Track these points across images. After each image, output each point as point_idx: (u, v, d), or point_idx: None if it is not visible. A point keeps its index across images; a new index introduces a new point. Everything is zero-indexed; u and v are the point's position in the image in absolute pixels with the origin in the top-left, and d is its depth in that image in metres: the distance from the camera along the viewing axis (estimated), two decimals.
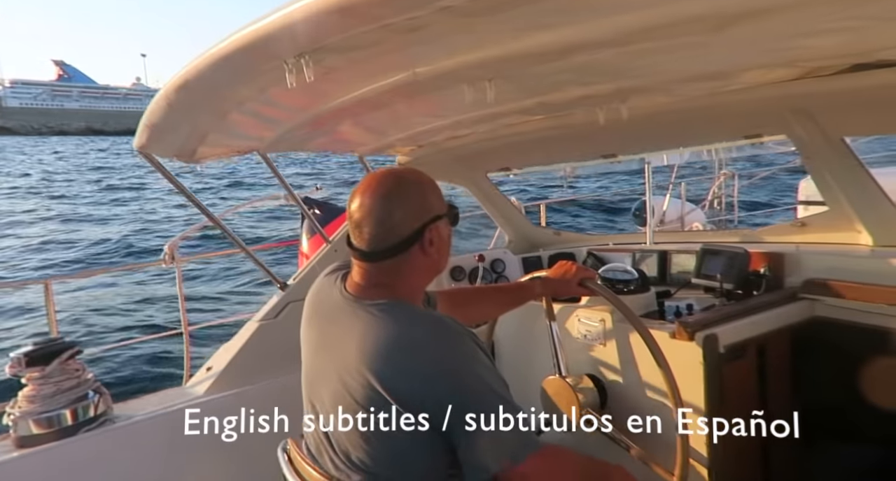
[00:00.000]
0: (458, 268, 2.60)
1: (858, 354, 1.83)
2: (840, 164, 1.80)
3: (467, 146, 2.21)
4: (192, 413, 1.90)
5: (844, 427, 2.02)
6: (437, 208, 1.22)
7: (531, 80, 1.15)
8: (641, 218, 6.30)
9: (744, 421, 1.62)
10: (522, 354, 2.07)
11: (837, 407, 1.95)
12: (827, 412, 1.85)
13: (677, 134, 2.12)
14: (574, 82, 1.18)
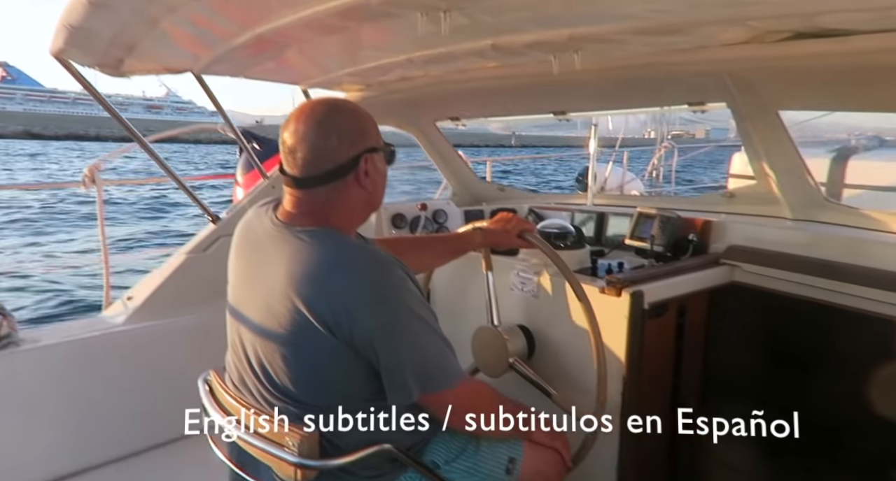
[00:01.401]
0: (399, 216, 2.58)
1: (768, 320, 1.96)
2: (772, 138, 1.88)
3: (418, 90, 2.15)
4: (106, 342, 1.83)
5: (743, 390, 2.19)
6: (373, 140, 1.19)
7: (487, 16, 1.11)
8: (583, 183, 6.45)
9: (659, 375, 1.73)
10: (458, 303, 2.09)
11: (739, 371, 2.10)
12: (729, 375, 1.99)
13: (626, 95, 2.14)
14: (530, 22, 1.15)
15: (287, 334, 1.08)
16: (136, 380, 1.90)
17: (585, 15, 1.09)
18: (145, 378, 1.92)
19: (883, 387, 1.94)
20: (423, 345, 1.10)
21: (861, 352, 1.87)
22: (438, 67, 1.80)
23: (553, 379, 1.72)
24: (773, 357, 2.10)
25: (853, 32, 1.05)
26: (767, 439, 2.21)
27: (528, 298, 1.85)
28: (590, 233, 2.45)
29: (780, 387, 2.15)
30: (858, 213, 1.96)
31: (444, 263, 1.76)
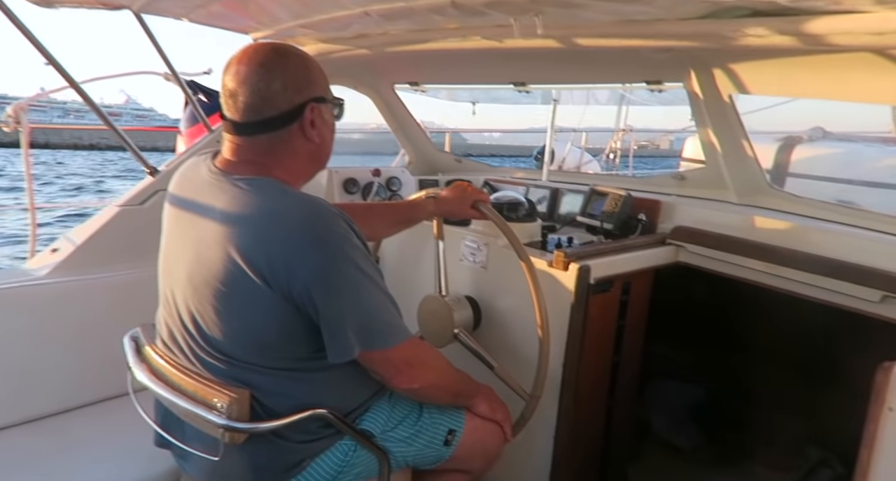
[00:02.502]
0: (351, 181, 2.50)
1: (710, 300, 2.02)
2: (724, 122, 1.90)
3: (376, 49, 2.06)
4: (26, 295, 1.71)
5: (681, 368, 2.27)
6: (321, 90, 1.13)
7: None
8: (541, 161, 6.47)
9: (600, 350, 1.76)
10: (407, 271, 2.07)
11: (679, 349, 2.17)
12: (669, 353, 2.05)
13: (586, 69, 2.12)
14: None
15: (221, 287, 1.02)
16: (61, 337, 1.79)
17: None
18: (71, 335, 1.81)
19: (812, 369, 2.05)
20: (365, 298, 1.05)
21: (795, 335, 1.96)
22: (397, 25, 1.72)
23: (497, 351, 1.73)
24: (712, 336, 2.18)
25: (810, 12, 1.05)
26: (702, 416, 2.32)
27: (476, 269, 1.83)
28: (543, 208, 2.45)
29: (717, 367, 2.23)
30: (799, 201, 2.02)
31: (395, 232, 1.70)
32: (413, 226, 1.69)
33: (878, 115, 5.19)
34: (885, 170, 3.65)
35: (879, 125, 4.95)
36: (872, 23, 1.00)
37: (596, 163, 6.72)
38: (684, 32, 1.29)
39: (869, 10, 0.98)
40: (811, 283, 1.58)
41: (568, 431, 1.63)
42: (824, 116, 4.58)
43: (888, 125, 4.80)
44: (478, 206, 1.59)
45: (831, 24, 1.05)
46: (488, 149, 32.51)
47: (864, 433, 1.00)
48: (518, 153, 9.10)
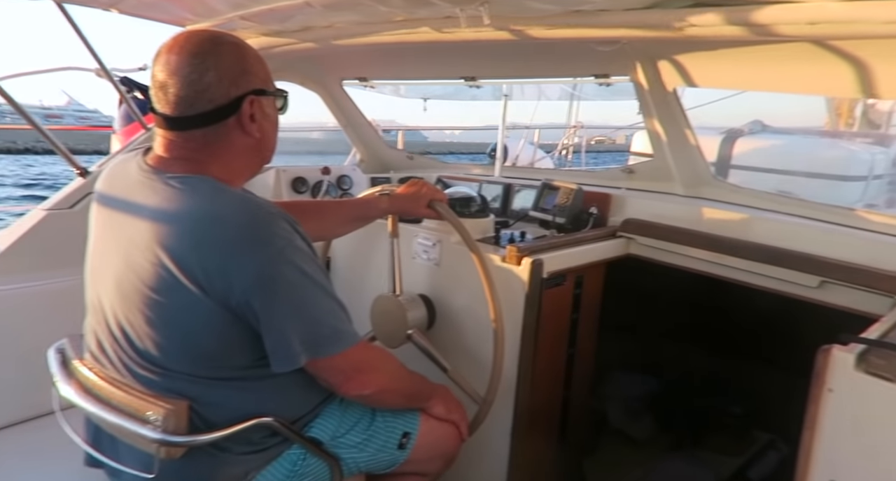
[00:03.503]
0: (300, 180, 2.43)
1: (660, 291, 2.05)
2: (669, 115, 1.94)
3: (322, 43, 1.99)
4: None
5: (634, 360, 2.30)
6: (260, 81, 1.06)
7: None
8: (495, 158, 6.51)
9: (555, 344, 1.76)
10: (359, 270, 2.02)
11: (631, 341, 2.20)
12: (622, 345, 2.07)
13: (535, 63, 2.12)
14: None
15: (152, 294, 0.96)
16: None
17: None
18: None
19: (758, 354, 2.11)
20: (310, 303, 1.01)
21: (742, 322, 2.01)
22: (342, 17, 1.67)
23: (452, 349, 1.70)
24: (664, 327, 2.22)
25: (750, 1, 1.07)
26: (656, 406, 2.36)
27: (430, 267, 1.80)
28: (497, 204, 2.44)
29: (669, 356, 2.28)
30: (742, 191, 2.08)
31: (347, 231, 1.65)
32: (367, 224, 1.64)
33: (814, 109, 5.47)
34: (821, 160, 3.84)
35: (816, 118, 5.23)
36: (809, 12, 1.02)
37: (549, 159, 6.80)
38: (630, 22, 1.30)
39: (805, 0, 1.00)
40: (754, 271, 1.63)
41: (524, 426, 1.63)
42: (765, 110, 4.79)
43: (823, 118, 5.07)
44: (434, 206, 1.55)
45: (770, 14, 1.07)
46: (447, 147, 32.53)
47: (806, 414, 1.02)
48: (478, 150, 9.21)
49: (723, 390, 2.21)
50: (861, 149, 4.11)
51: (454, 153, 28.04)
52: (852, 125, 5.28)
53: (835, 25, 1.05)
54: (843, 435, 0.99)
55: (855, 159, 3.84)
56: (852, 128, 5.25)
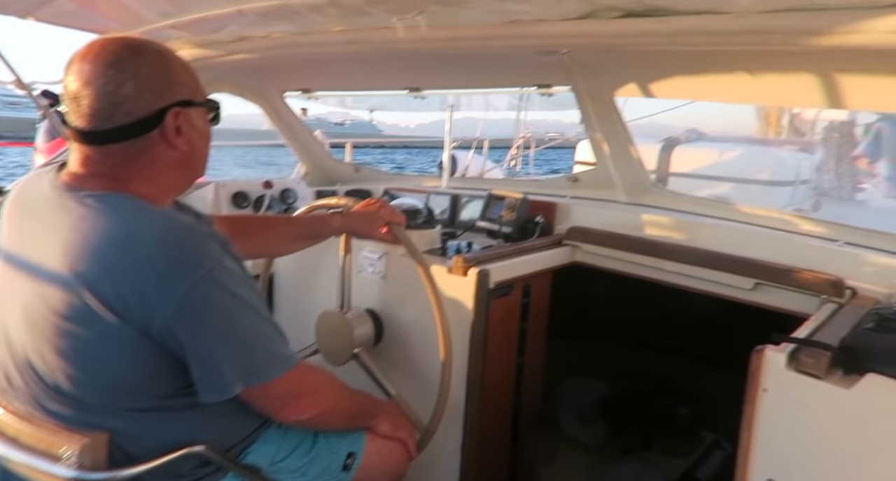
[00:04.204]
0: (241, 195, 2.35)
1: (606, 298, 2.08)
2: (609, 124, 1.98)
3: (260, 53, 1.94)
4: None
5: (583, 367, 2.32)
6: (187, 91, 1.00)
7: None
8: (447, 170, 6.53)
9: (504, 355, 1.75)
10: (304, 285, 1.96)
11: (579, 349, 2.22)
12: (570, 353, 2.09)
13: (479, 73, 2.13)
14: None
15: (62, 323, 0.88)
16: None
17: None
18: None
19: (701, 356, 2.16)
20: (242, 328, 0.95)
21: (684, 325, 2.06)
22: (279, 27, 1.63)
23: (400, 364, 1.67)
24: (608, 333, 2.25)
25: (677, 12, 1.10)
26: (608, 411, 2.38)
27: (376, 280, 1.77)
28: (444, 215, 2.43)
29: (619, 361, 2.31)
30: (681, 198, 2.15)
31: (296, 249, 1.58)
32: (317, 243, 1.57)
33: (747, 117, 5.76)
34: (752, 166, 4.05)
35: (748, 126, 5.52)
36: (730, 23, 1.06)
37: (499, 170, 6.87)
38: (565, 33, 1.32)
39: (727, 11, 1.04)
40: (693, 275, 1.67)
41: (475, 438, 1.60)
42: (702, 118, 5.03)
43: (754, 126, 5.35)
44: (392, 229, 1.49)
45: (696, 24, 1.11)
46: (401, 141, 32.25)
47: (743, 415, 1.04)
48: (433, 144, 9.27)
49: (670, 392, 2.26)
50: (788, 156, 4.37)
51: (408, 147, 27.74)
52: (780, 133, 5.58)
53: (759, 36, 1.09)
54: (779, 433, 1.02)
55: (782, 165, 4.07)
56: (781, 136, 5.55)
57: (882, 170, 4.74)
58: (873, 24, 0.93)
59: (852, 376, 0.95)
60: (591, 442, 2.34)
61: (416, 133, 30.58)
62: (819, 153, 4.99)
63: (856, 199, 5.07)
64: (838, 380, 0.95)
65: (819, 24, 0.97)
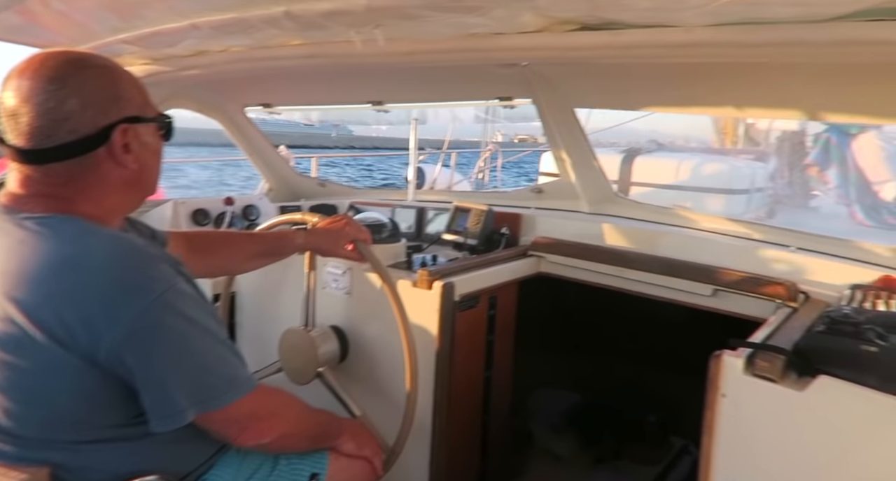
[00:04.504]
0: (201, 212, 2.29)
1: (571, 307, 2.10)
2: (570, 135, 2.01)
3: (219, 68, 1.91)
4: None
5: (550, 377, 2.33)
6: (136, 106, 0.96)
7: None
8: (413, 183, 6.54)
9: (471, 367, 1.74)
10: (268, 302, 1.92)
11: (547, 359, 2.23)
12: (537, 363, 2.09)
13: (441, 86, 2.14)
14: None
15: (1, 354, 0.84)
16: None
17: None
18: None
19: (667, 363, 2.19)
20: (198, 352, 0.92)
21: (649, 333, 2.09)
22: (235, 40, 1.61)
23: (366, 381, 1.65)
24: (576, 343, 2.26)
25: (629, 25, 1.13)
26: (580, 421, 2.39)
27: (341, 296, 1.75)
28: (410, 228, 2.42)
29: (589, 371, 2.32)
30: (642, 207, 2.19)
31: (257, 266, 1.52)
32: (279, 260, 1.52)
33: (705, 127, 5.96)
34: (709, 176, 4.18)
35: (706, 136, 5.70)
36: (680, 36, 1.09)
37: (466, 183, 6.91)
38: (523, 46, 1.33)
39: (676, 25, 1.07)
40: (655, 283, 1.69)
41: (444, 454, 1.59)
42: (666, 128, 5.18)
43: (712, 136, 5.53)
44: (358, 246, 1.45)
45: (648, 37, 1.14)
46: (372, 142, 31.80)
47: (703, 420, 1.06)
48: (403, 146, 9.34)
49: (639, 400, 2.28)
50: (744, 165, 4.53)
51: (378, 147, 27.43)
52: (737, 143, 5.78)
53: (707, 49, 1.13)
54: (739, 437, 1.03)
55: (738, 174, 4.22)
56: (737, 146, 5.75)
57: (832, 177, 4.95)
58: (814, 36, 0.98)
59: (805, 378, 0.97)
60: (564, 453, 2.34)
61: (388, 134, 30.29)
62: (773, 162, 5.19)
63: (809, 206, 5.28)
64: (792, 383, 0.97)
65: (763, 37, 1.01)
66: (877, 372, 0.95)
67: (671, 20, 1.06)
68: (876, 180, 4.62)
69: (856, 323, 1.08)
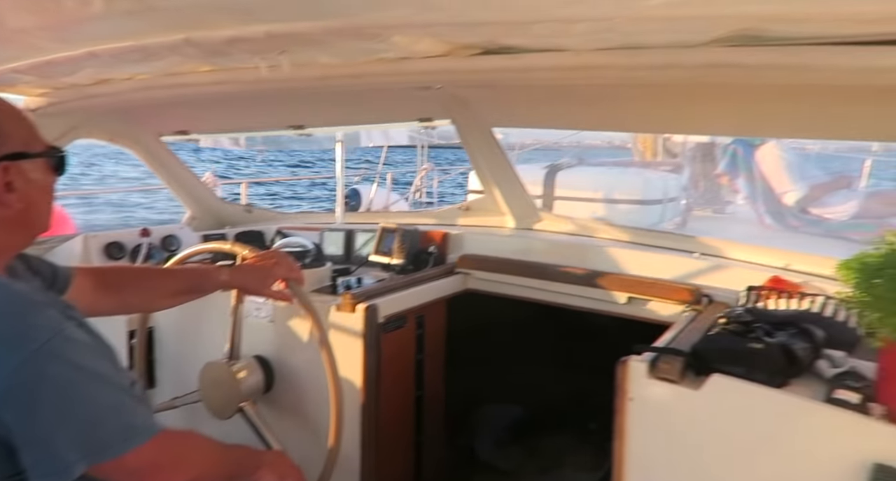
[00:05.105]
0: (115, 245, 2.19)
1: (500, 321, 2.13)
2: (490, 154, 2.06)
3: (126, 96, 1.85)
4: None
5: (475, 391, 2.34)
6: (19, 142, 0.92)
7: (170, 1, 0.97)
8: (349, 205, 6.49)
9: (401, 388, 1.74)
10: (189, 334, 1.85)
11: (478, 374, 2.25)
12: (469, 379, 2.11)
13: (360, 109, 2.15)
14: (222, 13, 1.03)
15: None
16: None
17: (277, 8, 1.02)
18: None
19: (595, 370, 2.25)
20: (88, 401, 0.86)
21: (577, 342, 2.15)
22: (139, 68, 1.56)
23: (293, 409, 1.61)
24: (514, 355, 2.29)
25: (526, 49, 1.19)
26: (519, 433, 2.41)
27: (264, 324, 1.71)
28: (339, 250, 2.40)
29: (526, 383, 2.35)
30: (565, 221, 2.26)
31: (175, 304, 1.41)
32: (200, 297, 1.42)
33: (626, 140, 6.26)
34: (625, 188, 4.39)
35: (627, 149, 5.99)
36: (571, 59, 1.16)
37: (404, 201, 6.93)
38: (430, 69, 1.36)
39: (566, 49, 1.14)
40: (576, 294, 1.75)
41: (375, 478, 1.56)
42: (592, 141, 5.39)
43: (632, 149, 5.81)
44: (291, 286, 1.38)
45: (543, 61, 1.20)
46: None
47: (615, 424, 1.10)
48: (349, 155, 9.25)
49: (579, 408, 2.33)
50: (656, 177, 4.80)
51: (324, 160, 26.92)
52: (657, 155, 6.11)
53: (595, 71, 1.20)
54: (649, 439, 1.07)
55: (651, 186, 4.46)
56: (657, 158, 6.07)
57: (741, 185, 5.33)
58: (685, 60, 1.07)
59: (701, 378, 1.03)
60: (507, 466, 2.35)
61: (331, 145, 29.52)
62: (686, 172, 5.53)
63: (722, 213, 5.64)
64: (690, 383, 1.03)
65: (642, 60, 1.09)
66: (764, 367, 1.02)
67: (562, 45, 1.12)
68: (778, 187, 5.01)
69: (747, 322, 1.15)
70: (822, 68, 0.95)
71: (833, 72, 0.97)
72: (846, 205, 4.92)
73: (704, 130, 1.84)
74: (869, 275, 0.84)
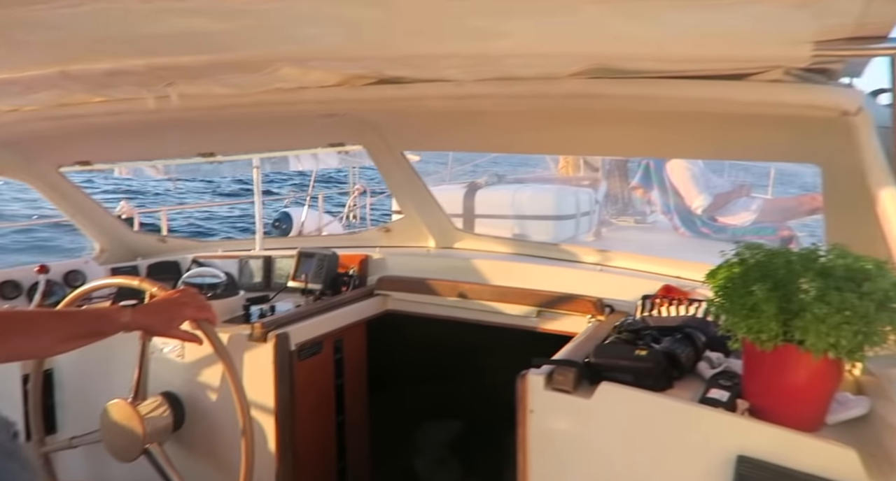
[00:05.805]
0: (9, 284, 2.05)
1: (421, 342, 2.14)
2: (404, 177, 2.09)
3: (13, 128, 1.75)
4: None
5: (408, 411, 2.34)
6: None
7: (37, 34, 0.92)
8: (281, 229, 6.36)
9: (320, 414, 1.71)
10: (92, 376, 1.75)
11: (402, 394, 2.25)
12: (393, 399, 2.10)
13: (272, 136, 2.13)
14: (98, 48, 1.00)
15: None
16: None
17: (157, 41, 1.00)
18: None
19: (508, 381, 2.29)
20: None
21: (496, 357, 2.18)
22: (20, 100, 1.49)
23: (205, 446, 1.56)
24: (429, 375, 2.30)
25: (414, 80, 1.23)
26: (461, 449, 2.41)
27: (173, 360, 1.64)
28: (258, 277, 2.35)
29: (458, 399, 2.36)
30: (484, 240, 2.31)
31: (73, 348, 1.26)
32: (99, 340, 1.28)
33: None
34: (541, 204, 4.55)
35: None
36: (454, 89, 1.21)
37: (337, 223, 6.85)
38: (326, 98, 1.38)
39: (449, 79, 1.19)
40: (490, 310, 1.80)
41: None
42: None
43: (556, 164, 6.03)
44: (201, 325, 1.32)
45: (431, 90, 1.25)
46: None
47: (517, 437, 1.12)
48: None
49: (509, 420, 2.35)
50: (570, 191, 5.01)
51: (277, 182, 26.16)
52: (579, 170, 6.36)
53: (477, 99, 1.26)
54: (550, 449, 1.11)
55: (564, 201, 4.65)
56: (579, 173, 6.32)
57: (655, 197, 5.64)
58: (552, 90, 1.16)
59: (594, 387, 1.07)
60: None
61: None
62: (603, 186, 5.80)
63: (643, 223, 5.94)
64: (583, 393, 1.07)
65: (514, 90, 1.16)
66: (649, 372, 1.08)
67: (445, 76, 1.17)
68: (688, 197, 5.35)
69: (637, 330, 1.22)
70: (664, 97, 1.08)
71: (672, 100, 1.10)
72: (747, 212, 5.34)
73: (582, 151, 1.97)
74: (725, 281, 0.91)
